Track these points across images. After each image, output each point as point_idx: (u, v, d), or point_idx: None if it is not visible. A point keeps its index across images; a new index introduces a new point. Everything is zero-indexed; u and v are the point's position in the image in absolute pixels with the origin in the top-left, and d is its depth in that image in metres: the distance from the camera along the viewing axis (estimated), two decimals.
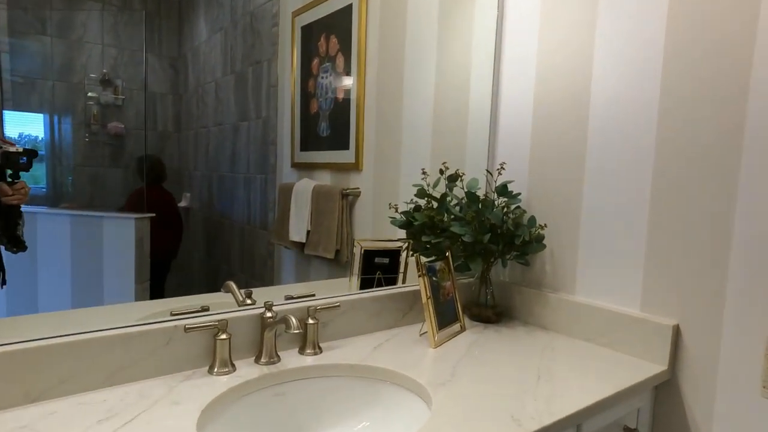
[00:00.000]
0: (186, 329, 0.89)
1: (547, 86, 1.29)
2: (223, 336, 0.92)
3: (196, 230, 0.92)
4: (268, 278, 1.01)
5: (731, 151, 0.97)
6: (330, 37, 1.04)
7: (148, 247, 0.86)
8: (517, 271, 1.40)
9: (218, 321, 0.92)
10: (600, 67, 1.17)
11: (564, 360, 1.08)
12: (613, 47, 1.14)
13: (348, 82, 1.09)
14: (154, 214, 0.85)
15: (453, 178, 1.27)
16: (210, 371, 0.92)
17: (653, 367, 1.06)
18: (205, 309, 0.97)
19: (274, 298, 1.05)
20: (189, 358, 0.93)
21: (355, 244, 1.15)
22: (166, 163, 0.84)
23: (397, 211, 1.24)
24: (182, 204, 0.89)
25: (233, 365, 0.94)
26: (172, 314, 0.93)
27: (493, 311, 1.30)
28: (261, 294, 1.02)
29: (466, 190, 1.26)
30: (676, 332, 1.07)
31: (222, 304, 0.97)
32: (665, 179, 1.07)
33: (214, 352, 0.92)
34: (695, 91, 1.01)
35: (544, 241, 1.31)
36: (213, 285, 0.97)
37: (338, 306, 1.08)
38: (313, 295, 1.11)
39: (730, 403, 1.01)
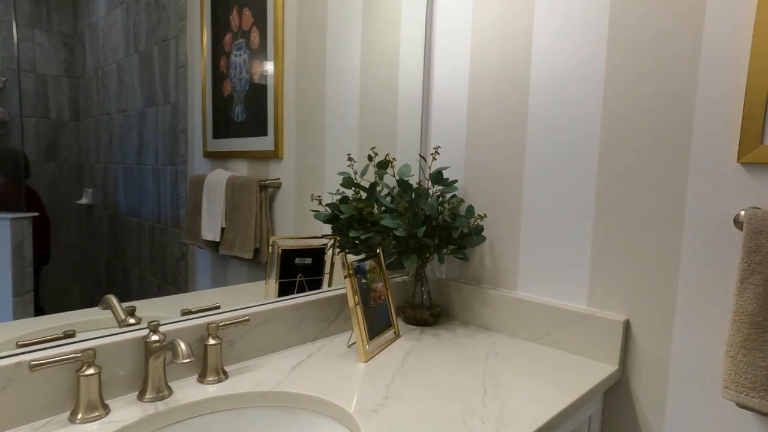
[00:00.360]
0: (31, 367, 0.81)
1: (484, 60, 1.44)
2: (90, 371, 0.87)
3: (101, 230, 0.96)
4: (182, 282, 1.07)
5: (682, 127, 1.11)
6: (243, 10, 1.11)
7: (29, 252, 0.90)
8: (454, 267, 1.55)
9: (81, 351, 0.86)
10: (540, 36, 1.32)
11: (511, 366, 1.18)
12: (555, 13, 1.29)
13: (264, 60, 1.18)
14: (37, 213, 0.90)
15: (383, 165, 1.40)
16: (72, 418, 0.86)
17: (604, 367, 1.20)
18: (69, 335, 0.91)
19: (169, 312, 1.05)
20: (41, 404, 0.86)
21: (271, 242, 1.22)
22: (63, 154, 0.88)
23: (320, 203, 1.33)
24: (83, 201, 0.93)
25: (105, 407, 0.89)
26: (18, 345, 0.86)
27: (430, 312, 1.44)
28: (154, 306, 1.03)
29: (397, 177, 1.39)
30: (626, 328, 1.21)
31: (103, 323, 0.96)
32: (613, 162, 1.22)
33: (78, 392, 0.86)
34: (643, 60, 1.16)
35: (484, 233, 1.46)
36: (121, 293, 1.00)
37: (247, 320, 1.10)
38: (218, 308, 1.14)
39: (683, 404, 1.15)
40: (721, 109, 1.07)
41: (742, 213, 1.02)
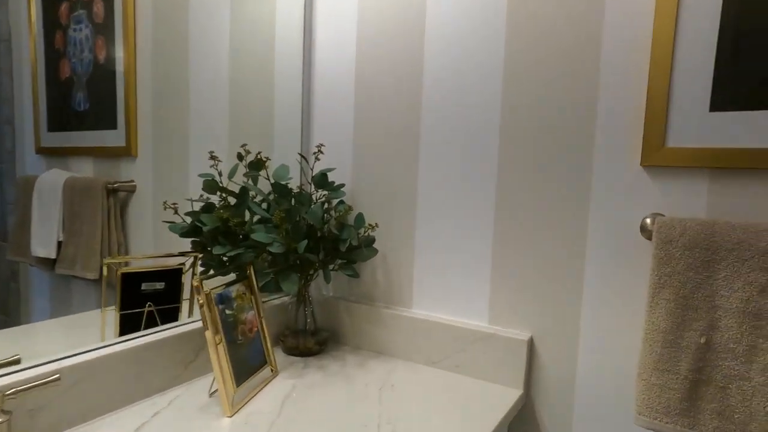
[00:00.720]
0: None
1: (373, 40, 1.47)
2: None
3: None
4: (13, 310, 0.99)
5: (584, 128, 1.20)
6: None
7: None
8: (343, 284, 1.57)
9: None
10: (435, 14, 1.37)
11: (408, 401, 1.20)
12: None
13: (111, 36, 1.12)
14: None
15: (256, 166, 1.37)
16: None
17: (508, 392, 1.26)
18: None
19: None
20: None
21: (104, 264, 1.14)
22: None
23: (176, 212, 1.28)
24: None
25: None
26: None
27: (315, 340, 1.44)
28: None
29: (272, 180, 1.39)
30: (531, 347, 1.29)
31: None
32: (513, 166, 1.29)
33: None
34: (543, 60, 1.24)
35: (376, 245, 1.50)
36: None
37: (57, 378, 0.95)
38: (16, 362, 0.99)
39: (590, 430, 1.24)
40: (624, 109, 1.17)
41: (648, 221, 1.12)
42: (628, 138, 1.17)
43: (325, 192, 1.46)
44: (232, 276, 1.33)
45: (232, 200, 1.37)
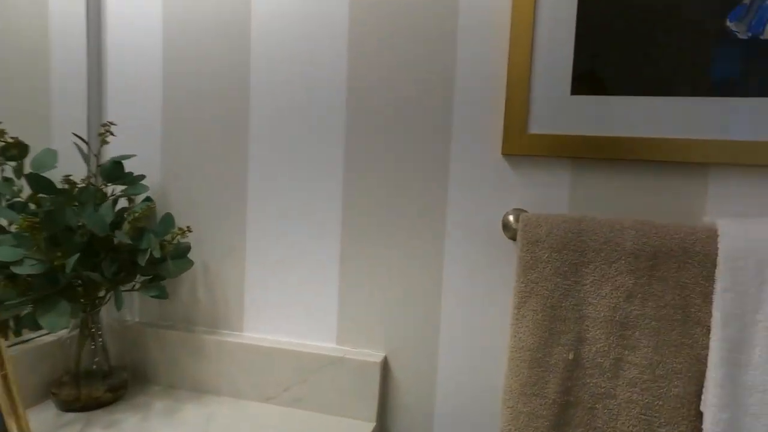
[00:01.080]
0: None
1: None
2: None
3: None
4: None
5: (439, 108, 1.19)
6: None
7: None
8: (152, 305, 1.46)
9: None
10: None
11: None
12: None
13: None
14: None
15: (9, 152, 1.18)
16: None
17: (359, 426, 1.22)
18: None
19: None
20: None
21: None
22: None
23: None
24: None
25: None
26: None
27: (108, 385, 1.28)
28: None
29: (30, 171, 1.18)
30: (385, 368, 1.27)
31: None
32: (362, 146, 1.27)
33: None
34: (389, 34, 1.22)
35: (192, 253, 1.39)
36: None
37: None
38: None
39: None
40: (483, 90, 1.17)
41: (511, 218, 1.10)
42: (489, 123, 1.17)
43: (122, 186, 1.30)
44: None
45: None
